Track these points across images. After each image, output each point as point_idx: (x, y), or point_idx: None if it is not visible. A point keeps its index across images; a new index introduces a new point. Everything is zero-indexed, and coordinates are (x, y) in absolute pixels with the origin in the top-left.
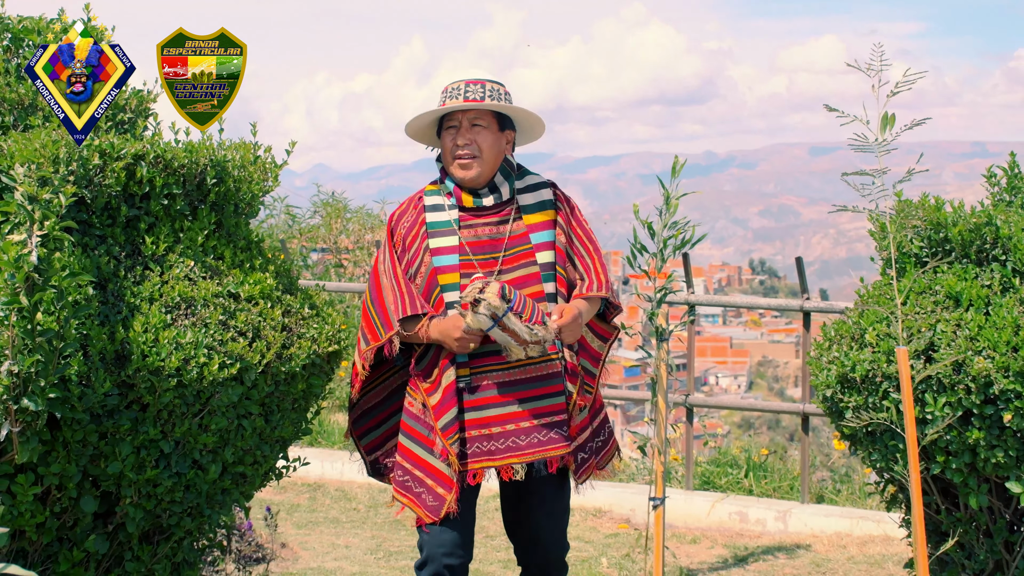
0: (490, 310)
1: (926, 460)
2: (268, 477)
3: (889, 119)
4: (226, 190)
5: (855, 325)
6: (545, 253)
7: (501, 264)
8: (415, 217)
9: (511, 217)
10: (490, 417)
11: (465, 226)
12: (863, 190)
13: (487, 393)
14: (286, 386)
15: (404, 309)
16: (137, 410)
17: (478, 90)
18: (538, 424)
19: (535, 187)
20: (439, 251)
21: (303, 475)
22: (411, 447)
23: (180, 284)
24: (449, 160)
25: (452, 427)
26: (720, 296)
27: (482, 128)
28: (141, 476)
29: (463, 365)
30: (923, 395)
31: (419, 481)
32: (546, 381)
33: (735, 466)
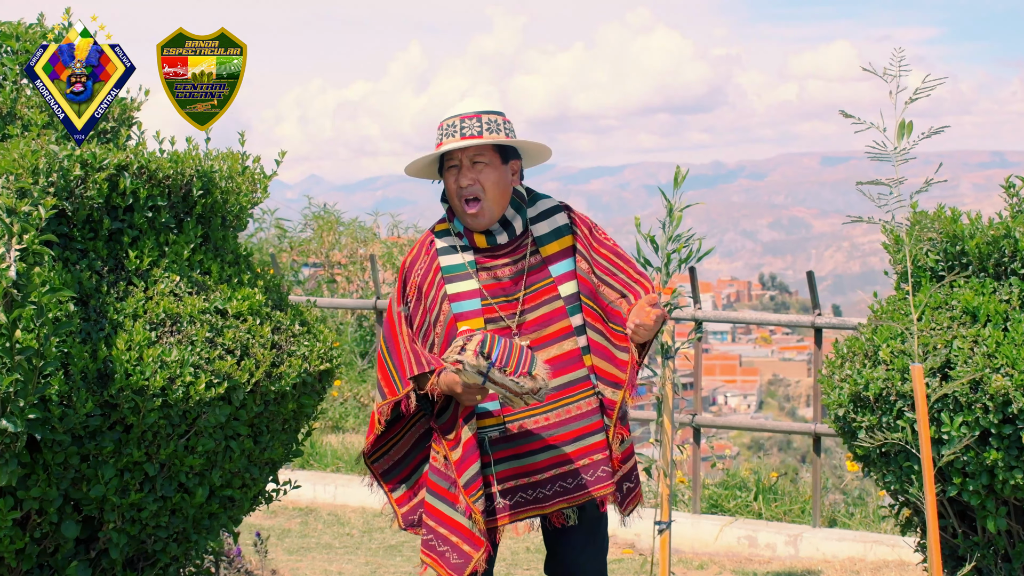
0: (473, 368)
1: (942, 482)
2: (257, 501)
3: (907, 127)
4: (213, 202)
5: (868, 342)
6: (567, 284)
7: (522, 304)
8: (428, 263)
9: (527, 252)
10: (534, 464)
11: (482, 268)
12: (879, 200)
13: (527, 440)
14: (276, 406)
15: (411, 368)
16: (120, 431)
17: (474, 125)
18: (583, 464)
19: (548, 213)
20: (457, 297)
21: (294, 499)
22: (435, 503)
23: (165, 300)
24: (456, 202)
25: (475, 483)
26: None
27: (484, 165)
28: (125, 500)
29: (492, 415)
30: (939, 414)
31: (443, 539)
32: (585, 419)
33: (744, 489)
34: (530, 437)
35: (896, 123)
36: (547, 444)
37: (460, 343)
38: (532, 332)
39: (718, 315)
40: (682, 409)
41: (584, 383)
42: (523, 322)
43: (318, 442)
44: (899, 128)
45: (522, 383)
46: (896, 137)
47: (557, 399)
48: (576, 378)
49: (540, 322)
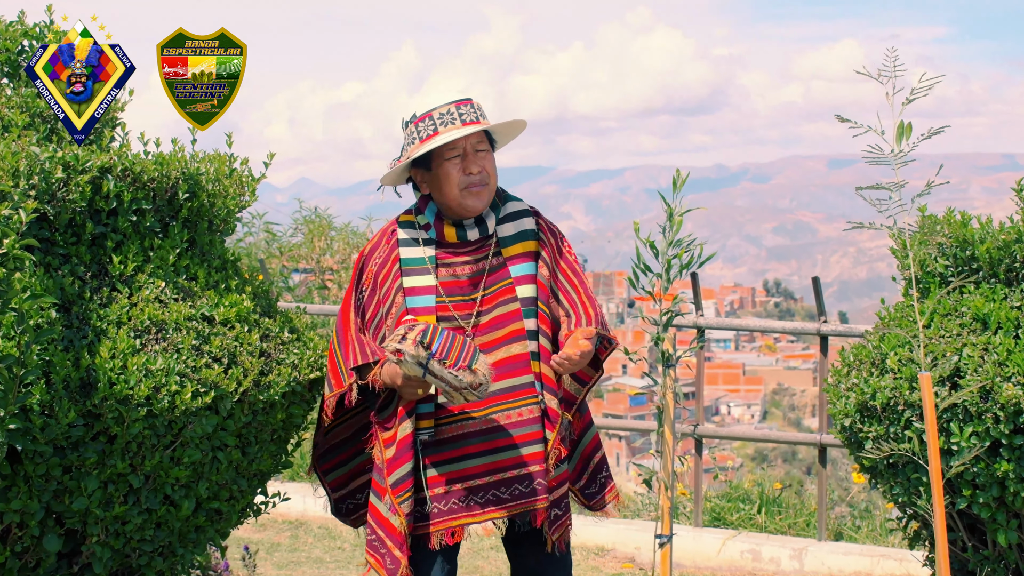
0: (413, 359)
1: (951, 494)
2: (246, 514)
3: (905, 129)
4: (199, 205)
5: (875, 350)
6: (526, 287)
7: (479, 305)
8: (388, 253)
9: (490, 252)
10: (468, 469)
11: (443, 264)
12: (879, 205)
13: (462, 443)
14: (264, 416)
15: (355, 358)
16: (104, 442)
17: (470, 111)
18: (519, 474)
19: (516, 216)
20: (413, 291)
21: (284, 511)
22: (375, 503)
23: (150, 306)
24: (454, 192)
25: (404, 484)
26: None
27: (486, 152)
28: (109, 513)
29: (427, 416)
30: (948, 424)
31: (381, 541)
32: (524, 427)
33: (747, 501)
34: (465, 441)
35: (894, 125)
36: (483, 449)
37: (402, 332)
38: (486, 334)
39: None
40: (684, 419)
41: (528, 390)
42: (478, 323)
43: (308, 453)
44: (897, 130)
45: (461, 377)
46: (895, 140)
47: (497, 403)
48: (520, 383)
49: (494, 324)
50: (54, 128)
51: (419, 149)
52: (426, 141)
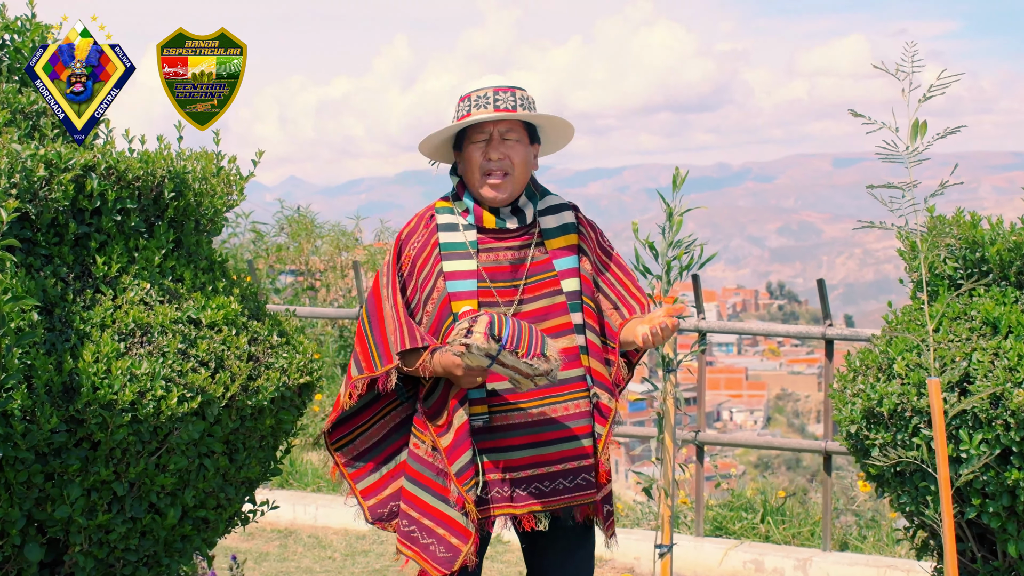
0: (482, 351)
1: (960, 503)
2: (233, 522)
3: (920, 126)
4: (186, 205)
5: (882, 354)
6: (571, 281)
7: (522, 293)
8: (427, 237)
9: (533, 242)
10: (512, 460)
11: (484, 249)
12: (891, 204)
13: (508, 434)
14: (253, 422)
15: (403, 342)
16: (87, 448)
17: (508, 99)
18: (564, 469)
19: (556, 209)
20: (454, 275)
21: (272, 520)
22: (418, 493)
23: (135, 309)
24: (476, 177)
25: (468, 471)
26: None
27: (514, 142)
28: (92, 521)
29: (480, 402)
30: (957, 431)
31: (428, 531)
32: (574, 421)
33: (750, 510)
34: (512, 431)
35: (909, 122)
36: (530, 441)
37: (465, 325)
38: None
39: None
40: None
41: (579, 383)
42: (520, 312)
43: (298, 460)
44: (912, 128)
45: (536, 365)
46: (909, 137)
47: (548, 395)
48: (571, 377)
49: (539, 314)
50: (36, 125)
51: (447, 129)
52: (460, 121)
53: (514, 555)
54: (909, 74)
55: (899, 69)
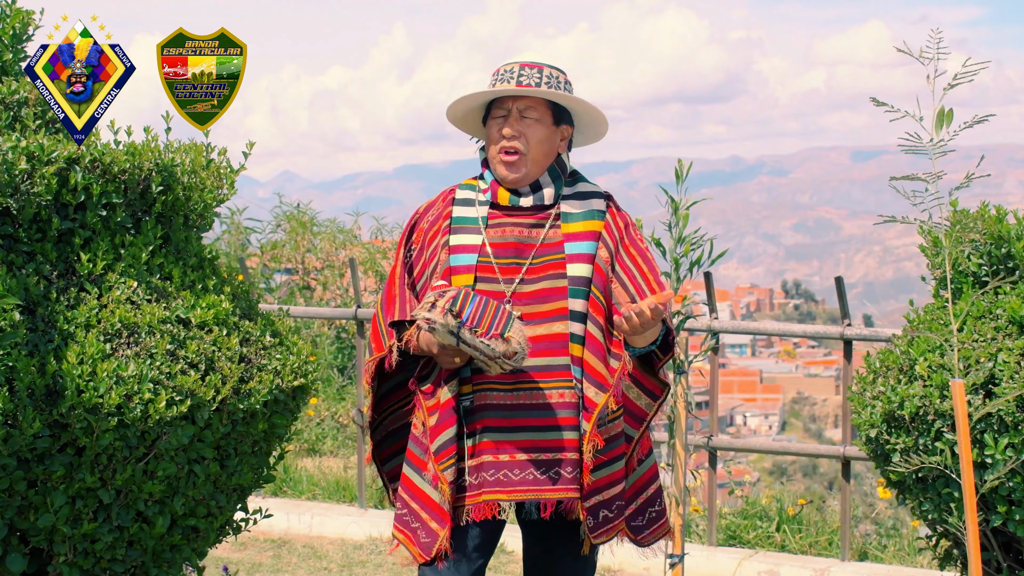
0: (444, 328)
1: (985, 510)
2: (224, 531)
3: (946, 115)
4: (174, 199)
5: (904, 355)
6: (579, 266)
7: (525, 272)
8: (441, 210)
9: (548, 223)
10: (505, 442)
11: (493, 225)
12: (914, 198)
13: (485, 415)
14: (244, 426)
15: (392, 314)
16: (72, 454)
17: (533, 75)
18: (536, 459)
19: (586, 196)
20: (458, 249)
21: (266, 529)
22: (410, 475)
23: (121, 308)
24: (493, 151)
25: (447, 449)
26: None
27: (533, 121)
28: (77, 530)
29: (466, 381)
30: (982, 435)
31: (415, 515)
32: (560, 411)
33: (765, 518)
34: (488, 412)
35: (934, 112)
36: (519, 424)
37: (431, 299)
38: (525, 305)
39: (736, 326)
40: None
41: (563, 372)
42: (519, 291)
43: (292, 466)
44: (937, 117)
45: (493, 346)
46: (934, 127)
47: (531, 380)
48: (555, 364)
49: (536, 296)
50: (17, 116)
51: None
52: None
53: (518, 566)
54: (934, 60)
55: (923, 55)
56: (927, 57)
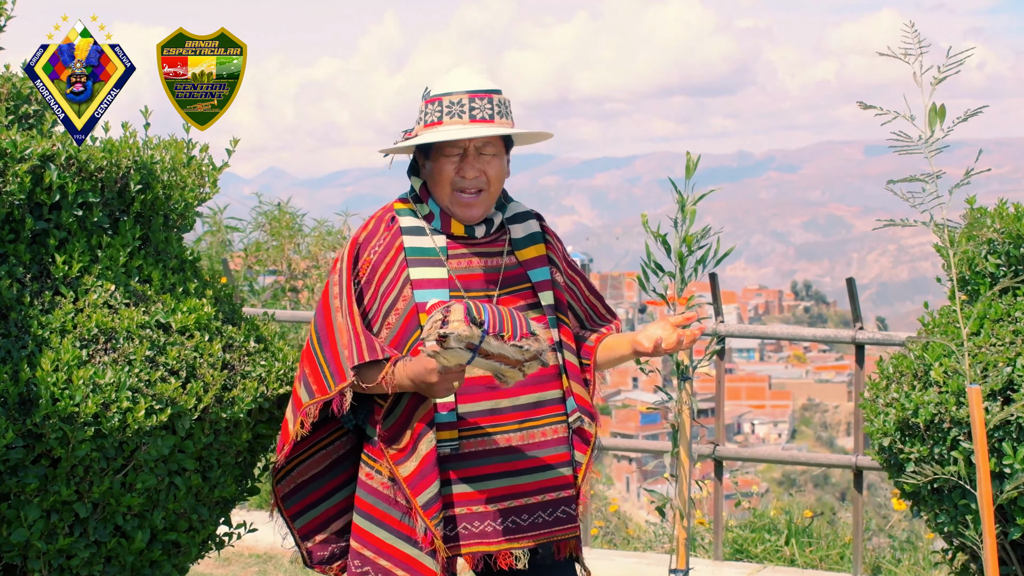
0: (462, 342)
1: (1003, 523)
2: (207, 546)
3: (938, 112)
4: (154, 198)
5: (918, 360)
6: (547, 294)
7: (496, 304)
8: (389, 240)
9: (504, 250)
10: (485, 491)
11: (455, 255)
12: (912, 199)
13: (480, 462)
14: (227, 436)
15: (360, 354)
16: (46, 465)
17: (485, 107)
18: (543, 500)
19: (522, 217)
20: (423, 284)
21: (250, 544)
22: (372, 530)
23: (98, 312)
24: (445, 191)
25: (436, 504)
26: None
27: (490, 156)
28: (52, 545)
29: (448, 426)
30: (1000, 444)
31: (385, 573)
32: (552, 448)
33: (774, 531)
34: (486, 458)
35: (925, 108)
36: (505, 470)
37: (439, 317)
38: None
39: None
40: (702, 439)
41: (556, 406)
42: None
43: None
44: (929, 114)
45: (527, 346)
46: (927, 125)
47: (523, 419)
48: (548, 399)
49: None
50: None
51: (416, 137)
52: (428, 128)
53: None
54: (918, 56)
55: (907, 54)
56: (910, 54)
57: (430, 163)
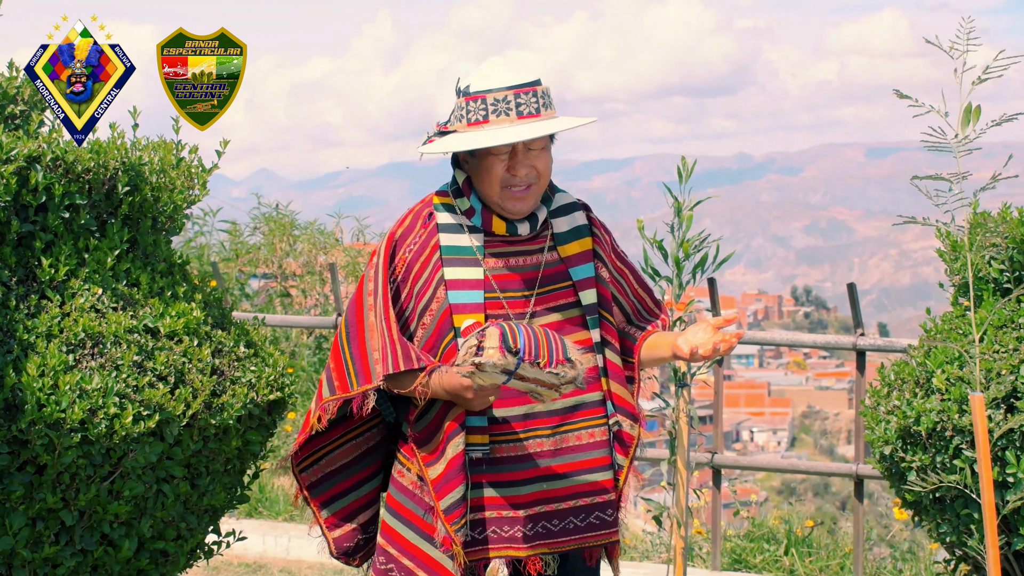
0: (498, 368)
1: (1007, 533)
2: (195, 555)
3: (973, 111)
4: (142, 200)
5: (920, 367)
6: (588, 292)
7: (534, 304)
8: (425, 238)
9: (545, 246)
10: (517, 496)
11: (492, 254)
12: (936, 199)
13: (513, 467)
14: (217, 443)
15: (396, 363)
16: (32, 472)
17: (531, 101)
18: (575, 506)
19: (567, 209)
20: (457, 284)
21: (240, 552)
22: (399, 528)
23: (85, 317)
24: (495, 188)
25: (459, 509)
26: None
27: (540, 150)
28: (37, 554)
29: (480, 431)
30: (1003, 452)
31: (407, 572)
32: (590, 451)
33: (773, 541)
34: (518, 464)
35: (960, 106)
36: (538, 475)
37: (474, 342)
38: None
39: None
40: (700, 446)
41: (596, 409)
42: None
43: (268, 485)
44: (963, 113)
45: (563, 373)
46: (960, 124)
47: (559, 423)
48: (587, 402)
49: (552, 329)
50: None
51: (462, 140)
52: (473, 127)
53: None
54: (964, 52)
55: (953, 47)
56: (958, 49)
57: (476, 160)
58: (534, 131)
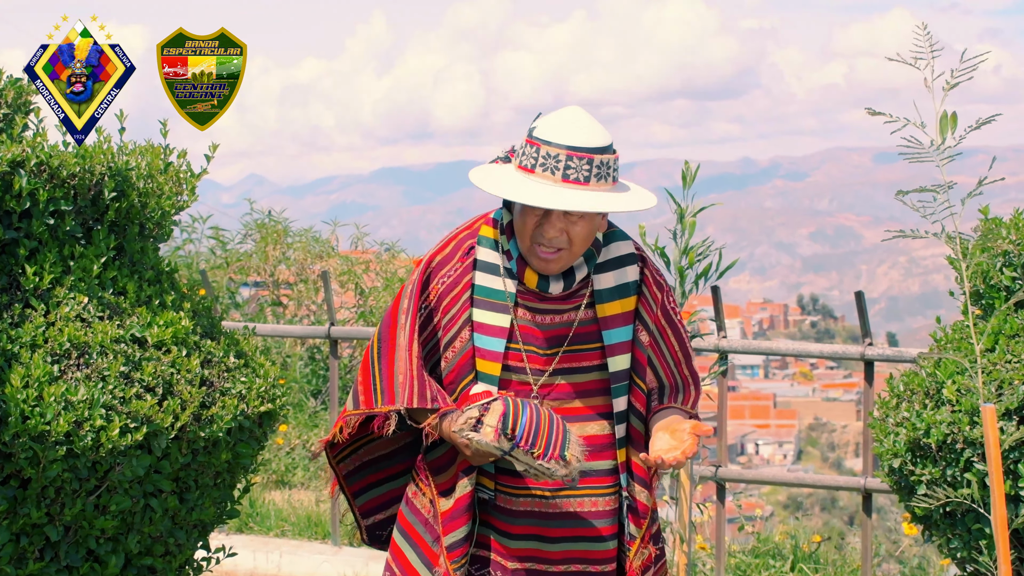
0: (491, 447)
1: (1019, 548)
2: (184, 572)
3: (949, 119)
4: (129, 206)
5: (930, 378)
6: (620, 358)
7: (557, 362)
8: (460, 273)
9: (582, 304)
10: (511, 549)
11: (523, 305)
12: (923, 209)
13: (511, 520)
14: (206, 456)
15: (411, 398)
16: (16, 486)
17: (582, 168)
18: (566, 571)
19: (618, 263)
20: (483, 329)
21: (230, 569)
22: (404, 548)
23: (70, 326)
24: (525, 242)
25: (461, 548)
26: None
27: (577, 217)
28: (22, 571)
29: (488, 476)
30: (1015, 465)
31: None
32: (590, 521)
33: (779, 557)
34: (516, 518)
35: (936, 115)
36: (533, 533)
37: (475, 414)
38: (558, 400)
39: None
40: (703, 460)
41: (605, 478)
42: (550, 383)
43: (258, 500)
44: (940, 122)
45: (552, 468)
46: (938, 132)
47: (558, 487)
48: (596, 469)
49: (569, 391)
50: None
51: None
52: (521, 171)
53: None
54: (929, 62)
55: (918, 60)
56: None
57: (515, 205)
58: (558, 202)
